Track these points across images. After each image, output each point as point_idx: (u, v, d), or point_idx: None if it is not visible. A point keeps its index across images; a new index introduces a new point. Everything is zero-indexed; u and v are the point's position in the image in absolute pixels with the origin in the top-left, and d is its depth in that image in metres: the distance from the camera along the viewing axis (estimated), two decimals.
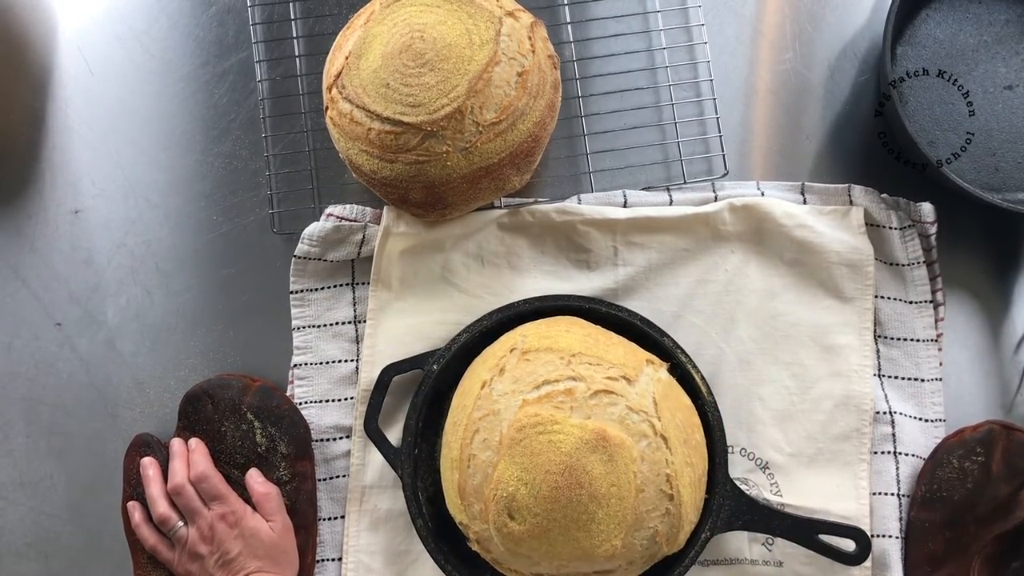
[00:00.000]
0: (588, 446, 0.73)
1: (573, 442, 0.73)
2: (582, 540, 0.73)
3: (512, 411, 0.75)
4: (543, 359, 0.76)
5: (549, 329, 0.79)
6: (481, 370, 0.79)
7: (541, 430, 0.73)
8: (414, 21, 0.79)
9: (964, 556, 0.81)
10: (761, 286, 0.87)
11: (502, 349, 0.79)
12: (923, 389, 0.86)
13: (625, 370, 0.76)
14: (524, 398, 0.75)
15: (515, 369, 0.76)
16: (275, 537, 0.80)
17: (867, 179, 0.89)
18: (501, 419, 0.75)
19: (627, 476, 0.73)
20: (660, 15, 0.92)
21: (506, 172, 0.82)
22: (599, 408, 0.74)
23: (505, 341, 0.80)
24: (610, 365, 0.76)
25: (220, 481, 0.81)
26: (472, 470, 0.75)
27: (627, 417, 0.74)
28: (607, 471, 0.73)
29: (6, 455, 0.89)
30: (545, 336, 0.78)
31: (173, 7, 0.94)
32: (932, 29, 0.89)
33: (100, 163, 0.92)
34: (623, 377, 0.76)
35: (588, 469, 0.72)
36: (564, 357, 0.76)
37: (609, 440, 0.73)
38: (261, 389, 0.84)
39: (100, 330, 0.90)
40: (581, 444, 0.73)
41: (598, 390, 0.74)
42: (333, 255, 0.88)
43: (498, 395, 0.76)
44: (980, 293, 0.89)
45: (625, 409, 0.74)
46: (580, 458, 0.73)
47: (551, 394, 0.74)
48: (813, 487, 0.84)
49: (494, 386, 0.76)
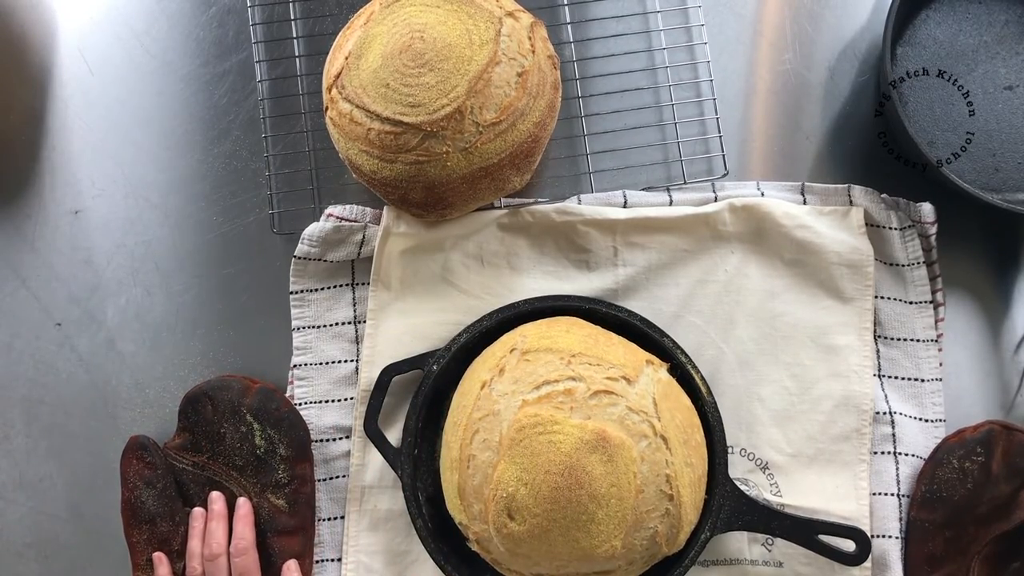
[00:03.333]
0: (588, 446, 0.73)
1: (573, 442, 0.73)
2: (582, 540, 0.73)
3: (512, 411, 0.75)
4: (543, 359, 0.76)
5: (549, 329, 0.79)
6: (481, 370, 0.79)
7: (541, 430, 0.73)
8: (414, 21, 0.79)
9: (964, 556, 0.81)
10: (761, 286, 0.87)
11: (502, 349, 0.79)
12: (923, 389, 0.86)
13: (625, 370, 0.76)
14: (524, 398, 0.75)
15: (515, 369, 0.76)
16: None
17: (867, 179, 0.89)
18: (501, 419, 0.75)
19: (627, 476, 0.73)
20: (660, 15, 0.92)
21: (506, 172, 0.82)
22: (599, 408, 0.74)
23: (505, 341, 0.80)
24: (610, 365, 0.76)
25: (254, 562, 0.81)
26: (472, 470, 0.75)
27: (627, 417, 0.74)
28: (607, 471, 0.73)
29: (6, 455, 0.89)
30: (545, 336, 0.78)
31: (173, 7, 0.94)
32: (932, 29, 0.89)
33: (100, 163, 0.92)
34: (623, 377, 0.76)
35: (588, 469, 0.72)
36: (564, 357, 0.76)
37: (609, 440, 0.73)
38: (261, 391, 0.84)
39: (100, 330, 0.90)
40: (581, 444, 0.73)
41: (598, 390, 0.74)
42: (333, 255, 0.88)
43: (498, 395, 0.76)
44: (980, 293, 0.89)
45: (625, 409, 0.74)
46: (580, 458, 0.72)
47: (551, 394, 0.74)
48: (813, 487, 0.84)
49: (494, 386, 0.76)
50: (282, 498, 0.83)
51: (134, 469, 0.83)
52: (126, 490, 0.83)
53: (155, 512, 0.82)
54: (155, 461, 0.83)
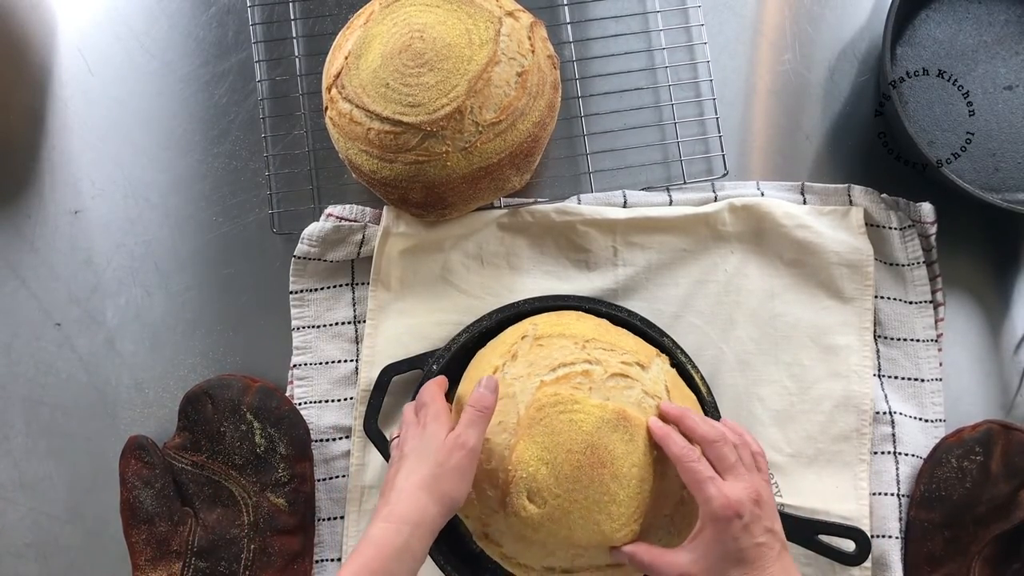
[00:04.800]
0: (609, 425, 0.72)
1: (594, 421, 0.72)
2: (603, 523, 0.72)
3: (529, 392, 0.74)
4: (557, 344, 0.76)
5: (560, 318, 0.80)
6: (491, 356, 0.79)
7: (561, 409, 0.73)
8: (414, 21, 0.79)
9: (963, 556, 0.81)
10: (761, 286, 0.87)
11: (512, 337, 0.79)
12: (923, 389, 0.86)
13: (638, 356, 0.76)
14: (542, 379, 0.74)
15: (529, 354, 0.76)
16: (441, 445, 0.71)
17: (867, 179, 0.89)
18: (517, 401, 0.74)
19: (648, 458, 0.73)
20: (660, 15, 0.92)
21: (506, 172, 0.82)
22: (617, 390, 0.74)
23: (514, 331, 0.80)
24: (624, 351, 0.76)
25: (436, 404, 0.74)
26: (485, 455, 0.74)
27: (643, 401, 0.74)
28: (629, 451, 0.72)
29: (6, 455, 0.89)
30: (557, 324, 0.78)
31: (173, 7, 0.94)
32: (932, 29, 0.89)
33: (100, 163, 0.92)
34: (637, 363, 0.76)
35: (610, 448, 0.72)
36: (578, 342, 0.76)
37: (630, 420, 0.72)
38: (261, 390, 0.84)
39: (100, 330, 0.90)
40: (602, 423, 0.72)
41: (614, 373, 0.74)
42: (333, 255, 0.88)
43: (512, 379, 0.75)
44: (980, 293, 0.89)
45: (641, 393, 0.74)
46: (602, 437, 0.72)
47: (569, 375, 0.74)
48: (813, 487, 0.84)
49: (507, 370, 0.76)
50: (282, 497, 0.83)
51: (132, 469, 0.83)
52: (125, 490, 0.83)
53: (154, 512, 0.82)
54: (153, 461, 0.83)
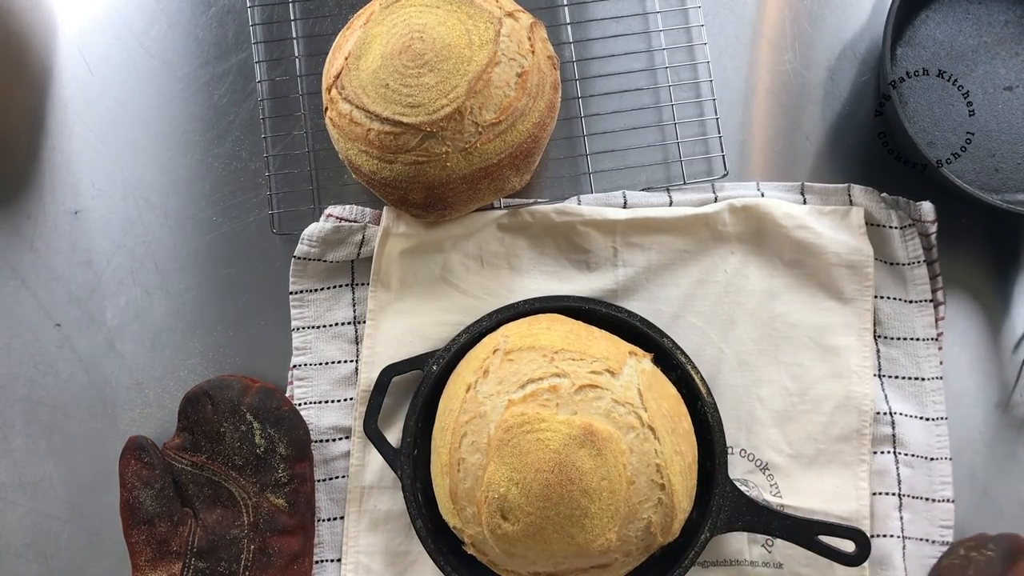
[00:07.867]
0: (576, 441, 0.73)
1: (561, 439, 0.73)
2: (576, 536, 0.73)
3: (498, 412, 0.74)
4: (526, 358, 0.76)
5: (531, 327, 0.79)
6: (466, 373, 0.79)
7: (528, 429, 0.73)
8: (414, 21, 0.79)
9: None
10: (761, 287, 0.87)
11: (485, 351, 0.79)
12: (924, 388, 0.86)
13: (608, 363, 0.76)
14: (510, 398, 0.75)
15: (499, 370, 0.76)
16: None
17: (867, 179, 0.89)
18: (488, 421, 0.75)
19: (617, 469, 0.73)
20: (660, 15, 0.92)
21: (506, 173, 0.82)
22: (585, 403, 0.74)
23: (488, 343, 0.80)
24: (593, 359, 0.76)
25: None
26: (462, 474, 0.75)
27: (613, 410, 0.74)
28: (597, 465, 0.73)
29: (6, 455, 0.89)
30: (527, 335, 0.78)
31: (173, 8, 0.94)
32: (932, 30, 0.89)
33: (100, 163, 0.92)
34: (607, 371, 0.76)
35: (578, 464, 0.72)
36: (547, 355, 0.76)
37: (597, 434, 0.73)
38: (261, 390, 0.84)
39: (99, 330, 0.90)
40: (569, 440, 0.73)
41: (583, 385, 0.74)
42: (333, 256, 0.88)
43: (483, 397, 0.76)
44: (980, 293, 0.89)
45: (611, 402, 0.74)
46: (569, 454, 0.72)
47: (536, 392, 0.74)
48: (813, 488, 0.84)
49: (479, 388, 0.76)
50: (282, 497, 0.83)
51: (132, 470, 0.83)
52: (124, 491, 0.83)
53: (153, 513, 0.82)
54: (153, 461, 0.83)
